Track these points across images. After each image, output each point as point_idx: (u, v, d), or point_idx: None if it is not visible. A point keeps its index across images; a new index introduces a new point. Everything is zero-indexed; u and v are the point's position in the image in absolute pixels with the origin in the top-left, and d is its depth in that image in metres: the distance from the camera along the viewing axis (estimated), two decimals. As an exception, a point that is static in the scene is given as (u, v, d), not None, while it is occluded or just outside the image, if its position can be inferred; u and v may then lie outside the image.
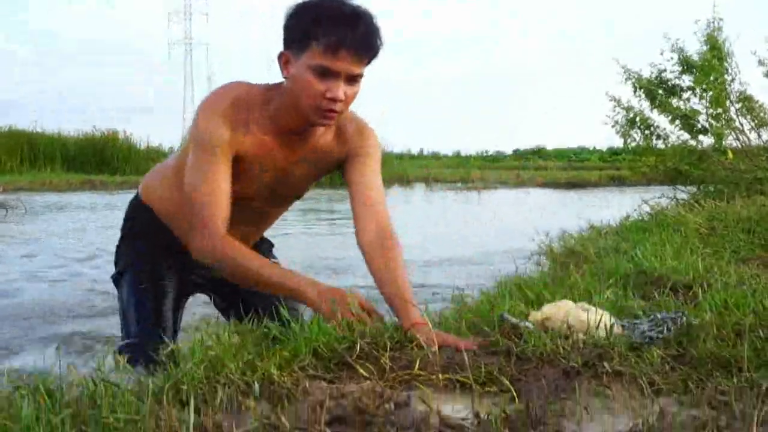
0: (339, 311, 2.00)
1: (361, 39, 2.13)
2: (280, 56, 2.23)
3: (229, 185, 2.24)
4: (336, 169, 2.49)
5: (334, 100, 2.17)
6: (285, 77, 2.24)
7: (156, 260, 2.59)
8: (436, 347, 1.83)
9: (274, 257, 2.82)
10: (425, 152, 48.34)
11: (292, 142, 2.36)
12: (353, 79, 2.20)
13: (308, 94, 2.17)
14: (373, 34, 2.15)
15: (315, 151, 2.41)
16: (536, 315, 2.07)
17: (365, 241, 2.31)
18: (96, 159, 24.20)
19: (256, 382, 1.56)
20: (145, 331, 2.42)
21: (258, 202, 2.48)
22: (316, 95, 2.17)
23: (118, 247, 2.72)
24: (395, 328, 1.96)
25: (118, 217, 2.83)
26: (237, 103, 2.26)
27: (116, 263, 2.70)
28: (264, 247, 2.79)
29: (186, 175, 2.26)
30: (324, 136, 2.39)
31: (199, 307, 3.21)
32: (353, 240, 2.33)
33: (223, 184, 2.22)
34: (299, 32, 2.16)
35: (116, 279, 2.66)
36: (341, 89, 2.17)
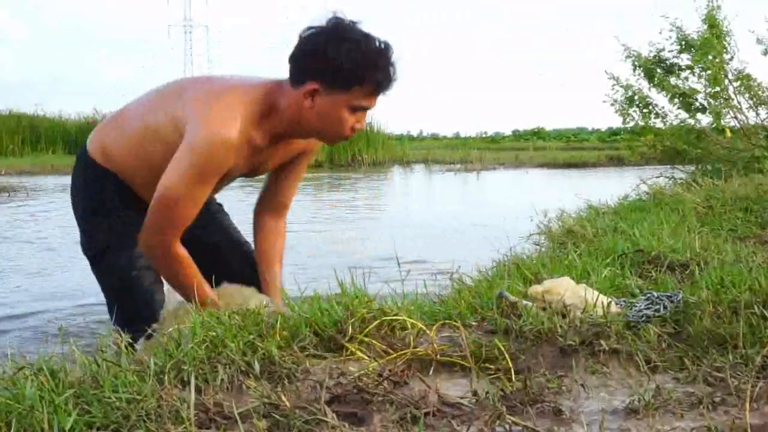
0: None
1: (391, 82, 2.37)
2: (304, 84, 2.33)
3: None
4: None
5: (357, 130, 2.42)
6: (308, 107, 2.34)
7: (134, 233, 2.48)
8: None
9: (226, 213, 2.96)
10: (424, 134, 48.35)
11: (274, 146, 2.50)
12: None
13: (341, 128, 2.38)
14: (396, 75, 2.37)
15: (287, 149, 2.60)
16: (536, 288, 2.09)
17: (264, 220, 2.75)
18: (97, 142, 24.16)
19: (256, 362, 1.58)
20: (147, 316, 2.39)
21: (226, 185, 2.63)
22: (346, 128, 2.38)
23: (87, 220, 2.63)
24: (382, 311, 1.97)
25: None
26: (244, 119, 2.33)
27: (91, 240, 2.62)
28: (215, 206, 2.89)
29: (170, 186, 2.30)
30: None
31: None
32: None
33: (200, 205, 2.39)
34: (342, 73, 2.29)
35: (95, 257, 2.61)
36: (365, 120, 2.47)
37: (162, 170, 2.34)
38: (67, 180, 2.80)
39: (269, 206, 2.78)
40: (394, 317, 1.88)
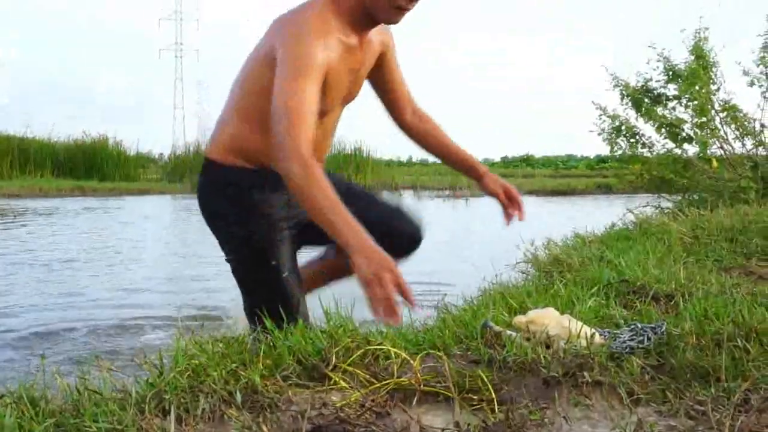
0: (376, 288, 1.90)
1: None
2: None
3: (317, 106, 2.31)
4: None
5: (411, 1, 2.34)
6: None
7: (275, 225, 2.58)
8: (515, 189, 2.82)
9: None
10: (414, 159, 48.54)
11: (361, 42, 2.49)
12: None
13: None
14: None
15: (371, 47, 2.58)
16: (521, 318, 2.10)
17: (407, 122, 2.81)
18: (86, 165, 24.11)
19: (238, 392, 1.57)
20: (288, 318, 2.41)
21: (337, 110, 2.60)
22: None
23: (237, 223, 2.59)
24: (368, 337, 1.97)
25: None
26: (321, 21, 2.35)
27: (238, 243, 2.60)
28: (338, 176, 2.81)
29: (280, 95, 2.26)
30: (374, 32, 2.56)
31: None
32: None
33: (314, 107, 2.28)
34: None
35: (244, 258, 2.61)
36: None
37: None
38: (56, 203, 2.81)
39: (402, 110, 2.81)
40: (378, 346, 1.88)
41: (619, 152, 9.18)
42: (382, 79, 2.73)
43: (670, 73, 8.84)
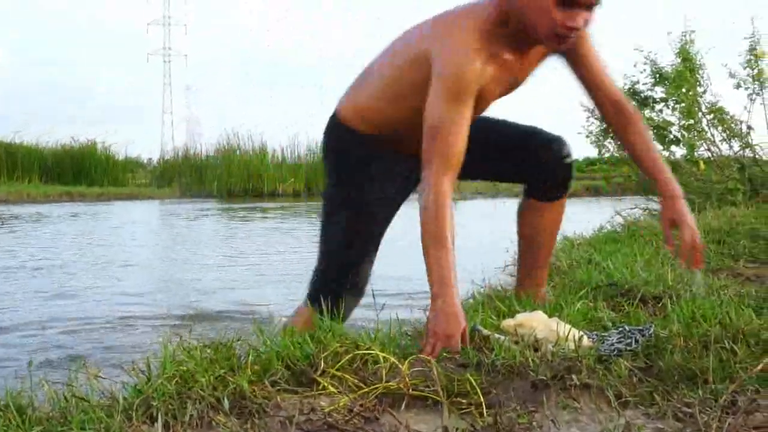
0: (434, 344, 2.02)
1: None
2: None
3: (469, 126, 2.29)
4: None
5: (572, 29, 2.18)
6: None
7: (386, 193, 2.68)
8: (693, 226, 2.65)
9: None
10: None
11: (522, 54, 2.39)
12: (591, 7, 2.20)
13: (545, 23, 2.19)
14: None
15: (535, 56, 2.46)
16: (509, 321, 2.10)
17: (606, 117, 2.61)
18: (74, 170, 24.06)
19: (226, 398, 1.57)
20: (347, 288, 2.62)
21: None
22: (552, 24, 2.17)
23: (342, 179, 2.68)
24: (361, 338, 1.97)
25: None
26: (482, 37, 2.27)
27: (338, 197, 2.69)
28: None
29: (433, 111, 2.26)
30: None
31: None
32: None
33: (466, 128, 2.27)
34: None
35: (336, 212, 2.68)
36: (582, 18, 2.18)
37: (418, 112, 2.33)
38: (44, 209, 2.80)
39: (601, 103, 2.60)
40: (367, 351, 1.88)
41: (607, 155, 9.19)
42: (578, 74, 2.57)
43: (657, 75, 8.87)
